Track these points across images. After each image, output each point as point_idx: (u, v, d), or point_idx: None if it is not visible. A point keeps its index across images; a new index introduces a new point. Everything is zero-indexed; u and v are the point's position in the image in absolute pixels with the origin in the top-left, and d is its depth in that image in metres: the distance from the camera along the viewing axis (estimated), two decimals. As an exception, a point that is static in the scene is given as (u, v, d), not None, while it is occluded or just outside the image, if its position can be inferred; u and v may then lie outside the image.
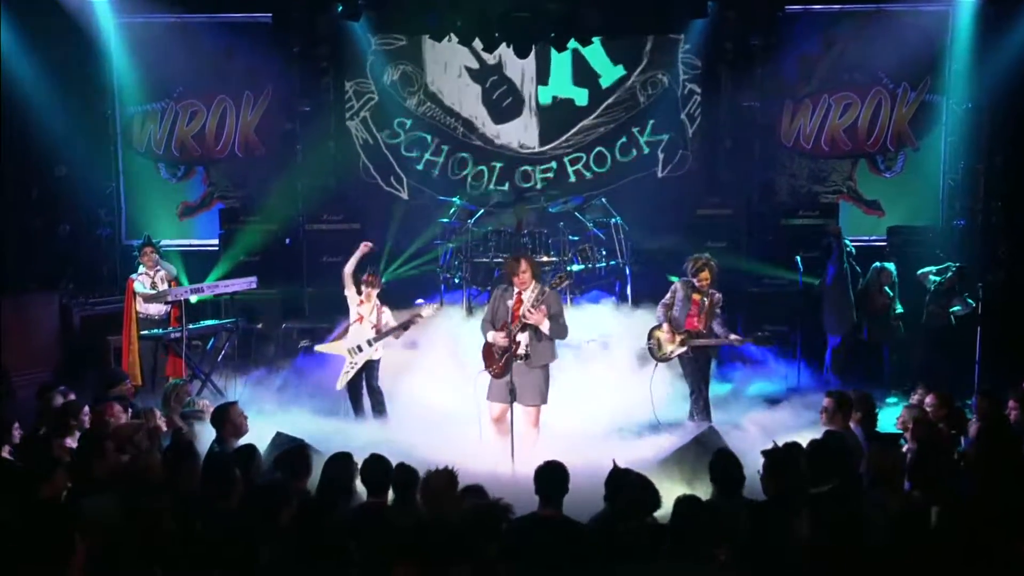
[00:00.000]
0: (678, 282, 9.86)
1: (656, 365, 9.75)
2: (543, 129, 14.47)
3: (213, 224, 14.02)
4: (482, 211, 12.52)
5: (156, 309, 11.07)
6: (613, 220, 12.01)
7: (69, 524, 5.80)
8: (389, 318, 10.07)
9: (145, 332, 10.82)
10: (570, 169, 14.49)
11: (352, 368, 9.90)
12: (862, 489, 6.37)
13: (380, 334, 9.91)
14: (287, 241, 13.44)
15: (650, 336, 9.91)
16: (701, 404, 9.60)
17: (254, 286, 10.94)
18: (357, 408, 9.95)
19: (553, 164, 14.51)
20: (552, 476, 5.98)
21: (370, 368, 9.97)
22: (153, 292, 10.83)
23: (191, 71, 13.96)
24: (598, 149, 14.43)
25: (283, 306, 12.93)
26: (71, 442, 8.31)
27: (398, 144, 14.51)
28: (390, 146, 14.54)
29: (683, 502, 5.38)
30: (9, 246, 12.81)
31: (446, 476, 5.84)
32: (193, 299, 10.84)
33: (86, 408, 8.72)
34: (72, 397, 9.41)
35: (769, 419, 9.46)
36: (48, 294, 12.32)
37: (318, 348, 10.34)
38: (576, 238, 11.99)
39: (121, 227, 14.30)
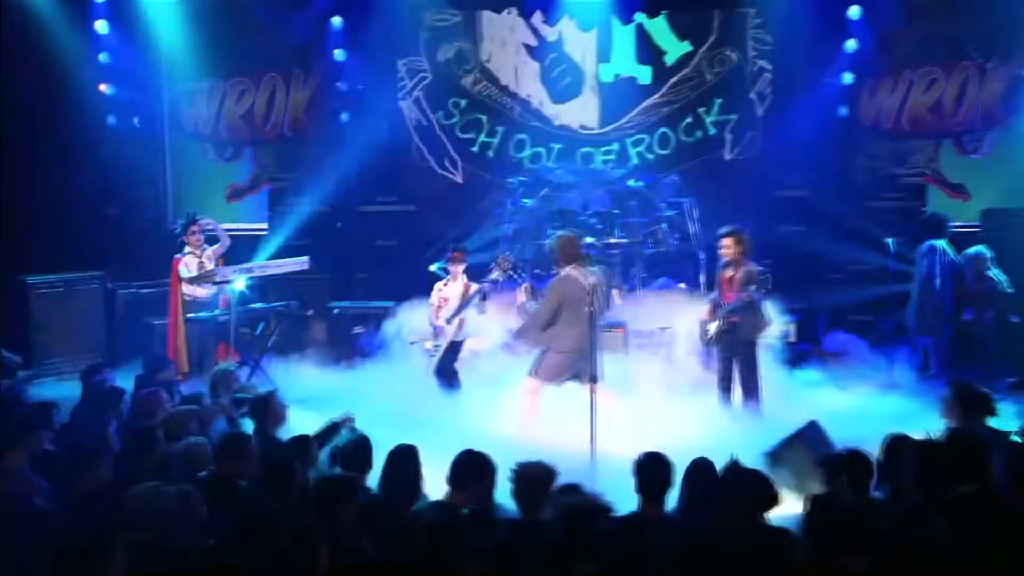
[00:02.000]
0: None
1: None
2: (604, 109, 13.58)
3: (262, 207, 13.41)
4: (546, 190, 11.68)
5: (204, 292, 10.36)
6: (685, 201, 11.14)
7: (110, 517, 5.10)
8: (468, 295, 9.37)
9: (192, 316, 10.11)
10: (632, 151, 13.63)
11: (436, 352, 9.21)
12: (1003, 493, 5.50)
13: (454, 312, 9.17)
14: (338, 224, 12.69)
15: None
16: (752, 394, 8.81)
17: (307, 267, 10.20)
18: (442, 384, 9.37)
19: (615, 145, 13.66)
20: (657, 469, 5.17)
21: (454, 350, 9.26)
22: (198, 274, 10.13)
23: (240, 48, 13.28)
24: (662, 130, 13.54)
25: (334, 290, 12.25)
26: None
27: (452, 125, 13.71)
28: (444, 127, 13.73)
29: (819, 501, 4.55)
30: (54, 229, 12.17)
31: (543, 472, 5.01)
32: (242, 280, 10.10)
33: (126, 396, 8.04)
34: (113, 381, 8.77)
35: (862, 412, 8.60)
36: (92, 277, 11.65)
37: (412, 340, 9.61)
38: (647, 219, 11.13)
39: (168, 210, 13.63)
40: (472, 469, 5.62)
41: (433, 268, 12.68)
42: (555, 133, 13.69)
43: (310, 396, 8.99)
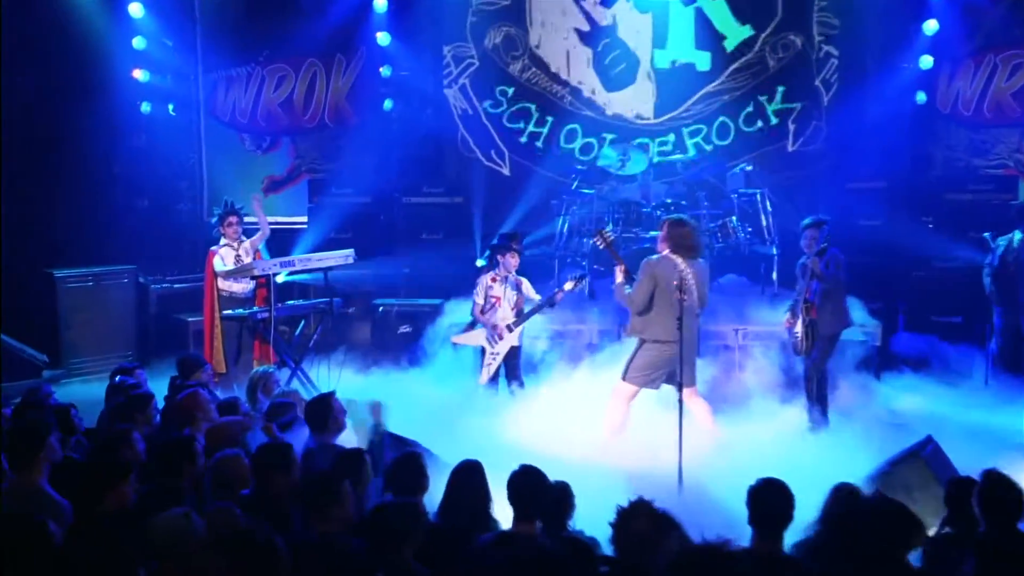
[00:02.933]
0: None
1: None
2: (660, 97, 12.65)
3: (301, 200, 12.63)
4: (612, 181, 10.77)
5: (241, 286, 9.55)
6: (757, 192, 10.21)
7: (133, 546, 4.26)
8: (531, 292, 8.49)
9: (228, 312, 9.29)
10: (689, 142, 12.70)
11: (494, 359, 8.34)
12: None
13: (522, 316, 8.33)
14: (381, 217, 11.87)
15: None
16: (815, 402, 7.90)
17: (351, 260, 9.35)
18: (492, 391, 8.54)
19: (671, 136, 12.73)
20: (776, 499, 4.27)
21: (513, 357, 8.40)
22: (235, 268, 9.31)
23: (279, 32, 12.49)
24: (721, 119, 12.60)
25: (377, 286, 11.42)
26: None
27: (500, 114, 12.84)
28: (491, 116, 12.86)
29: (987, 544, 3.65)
30: (84, 220, 11.43)
31: (652, 518, 4.08)
32: (282, 274, 9.28)
33: (155, 401, 7.24)
34: (145, 384, 7.98)
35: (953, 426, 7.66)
36: (123, 271, 10.89)
37: (455, 340, 8.77)
38: (716, 212, 10.21)
39: (203, 202, 12.91)
40: (542, 495, 4.77)
41: (480, 263, 11.88)
42: (607, 123, 12.80)
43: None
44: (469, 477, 5.15)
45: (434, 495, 5.19)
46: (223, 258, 9.53)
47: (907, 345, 9.46)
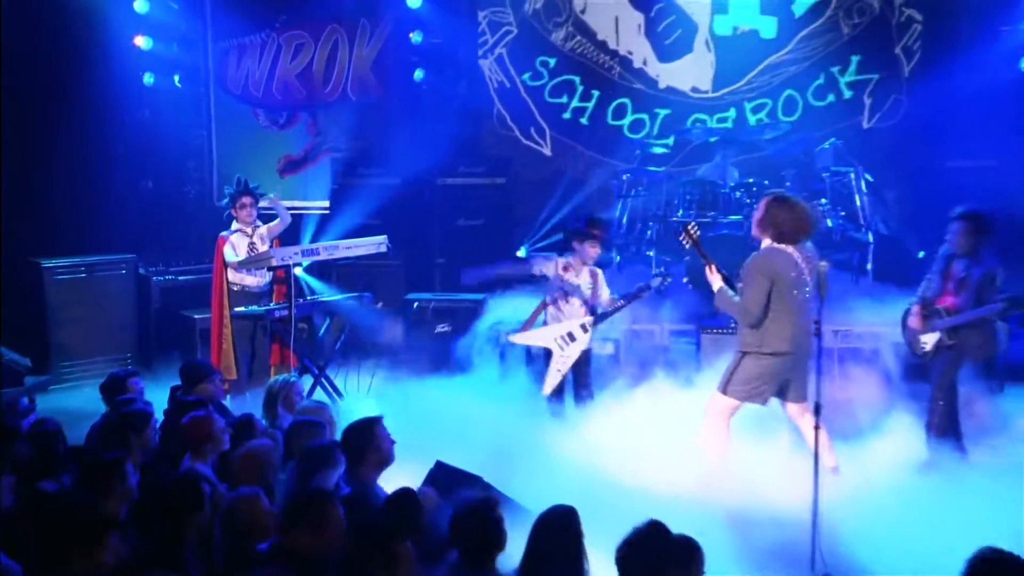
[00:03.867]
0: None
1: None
2: (720, 68, 11.22)
3: (322, 182, 11.27)
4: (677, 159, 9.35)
5: (255, 279, 8.12)
6: (850, 170, 8.74)
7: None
8: (602, 288, 7.10)
9: (241, 309, 7.85)
10: (752, 117, 11.27)
11: (564, 365, 6.92)
12: None
13: (601, 315, 6.92)
14: (413, 200, 10.45)
15: (904, 325, 6.77)
16: (938, 422, 6.45)
17: (385, 248, 7.94)
18: (557, 408, 7.15)
19: (731, 111, 11.33)
20: None
21: (583, 363, 7.00)
22: (248, 257, 7.87)
23: (296, -6, 11.16)
24: (788, 93, 11.15)
25: (408, 279, 10.02)
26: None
27: (540, 87, 11.47)
28: (531, 90, 11.47)
29: None
30: (78, 203, 10.03)
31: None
32: (304, 264, 7.84)
33: (155, 419, 5.85)
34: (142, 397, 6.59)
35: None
36: (121, 261, 9.47)
37: (514, 339, 7.38)
38: (804, 193, 8.70)
39: (212, 183, 11.54)
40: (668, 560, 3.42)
41: (521, 253, 10.54)
42: (660, 97, 11.43)
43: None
44: (563, 529, 3.95)
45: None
46: (235, 246, 8.09)
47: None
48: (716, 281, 6.10)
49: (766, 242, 6.05)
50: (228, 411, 6.78)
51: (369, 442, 4.90)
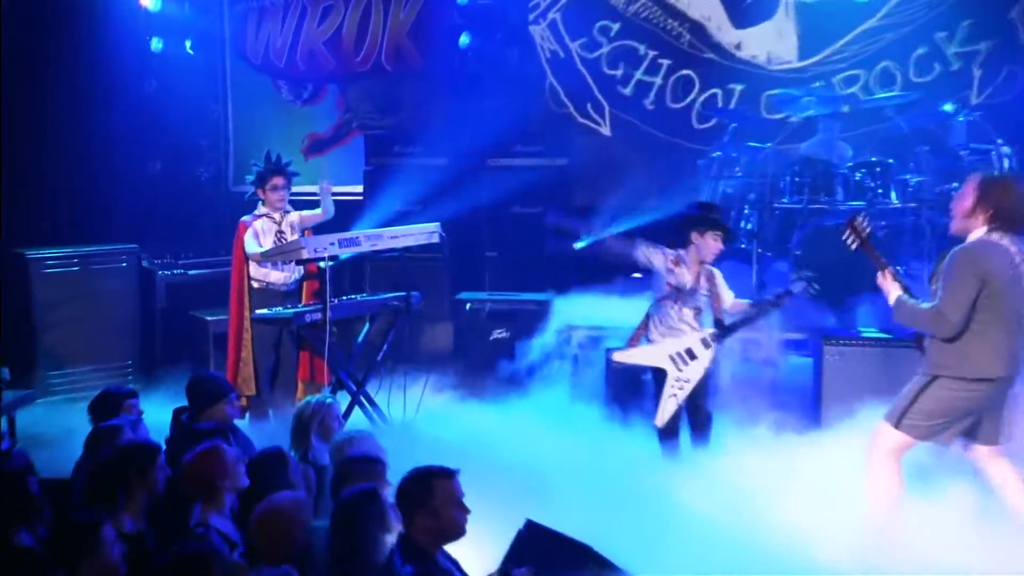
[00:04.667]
0: None
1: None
2: (805, 36, 9.77)
3: (351, 163, 9.87)
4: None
5: (281, 275, 6.67)
6: (992, 147, 7.26)
7: None
8: (723, 291, 5.70)
9: (264, 311, 6.37)
10: (842, 92, 9.77)
11: (681, 388, 5.50)
12: None
13: (728, 326, 5.52)
14: (460, 184, 9.03)
15: None
16: None
17: (438, 239, 6.53)
18: (671, 446, 5.58)
19: (817, 85, 9.84)
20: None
21: (700, 386, 5.57)
22: (275, 248, 6.39)
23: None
24: (883, 64, 9.61)
25: (455, 275, 8.60)
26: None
27: (598, 58, 10.06)
28: (587, 61, 10.08)
29: None
30: (74, 186, 8.75)
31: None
32: (342, 256, 6.36)
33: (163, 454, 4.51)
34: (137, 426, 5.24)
35: None
36: (121, 252, 8.06)
37: (618, 357, 5.90)
38: (939, 174, 7.22)
39: (228, 165, 10.32)
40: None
41: (579, 245, 9.11)
42: (735, 69, 10.00)
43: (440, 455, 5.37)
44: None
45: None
46: (259, 234, 6.64)
47: None
48: (893, 289, 4.71)
49: (976, 233, 4.61)
50: (247, 441, 5.38)
51: (434, 497, 3.54)
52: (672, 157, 9.56)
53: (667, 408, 5.67)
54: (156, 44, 9.73)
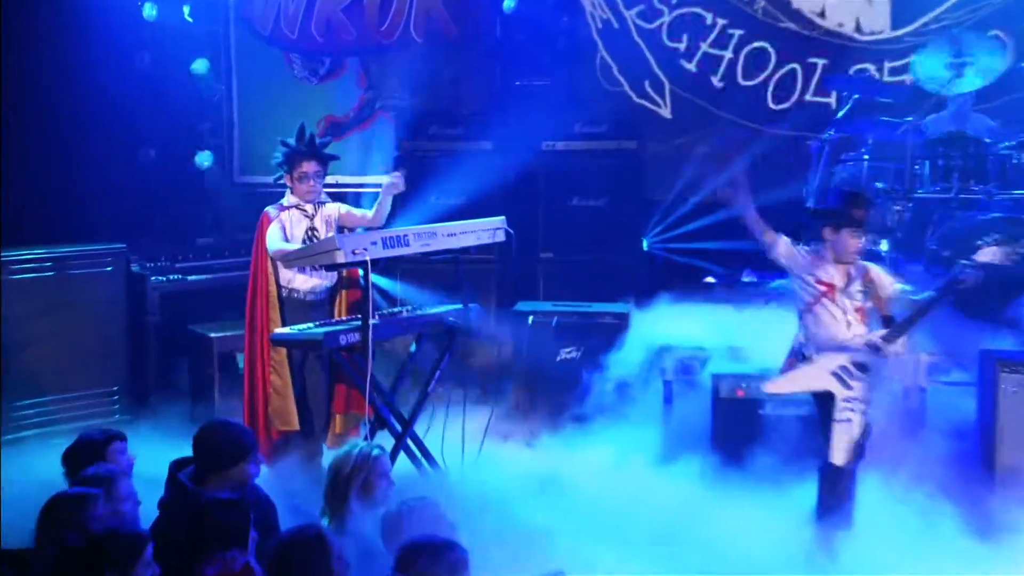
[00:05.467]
0: None
1: None
2: (897, 2, 8.52)
3: (378, 150, 8.64)
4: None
5: (310, 281, 5.28)
6: None
7: None
8: (884, 282, 4.47)
9: (285, 332, 4.95)
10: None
11: (854, 410, 4.42)
12: None
13: (898, 324, 4.32)
14: (509, 171, 7.74)
15: None
16: None
17: (503, 236, 5.20)
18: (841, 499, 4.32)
19: (912, 59, 8.61)
20: None
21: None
22: (304, 248, 4.99)
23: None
24: (992, 34, 8.32)
25: (502, 281, 7.30)
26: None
27: (658, 29, 8.80)
28: (645, 32, 8.82)
29: None
30: (51, 177, 7.48)
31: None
32: (386, 259, 4.97)
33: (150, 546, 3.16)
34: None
35: None
36: (106, 253, 6.71)
37: (772, 388, 4.67)
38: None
39: (232, 152, 9.01)
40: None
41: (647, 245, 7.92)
42: (817, 40, 8.74)
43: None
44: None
45: None
46: (285, 227, 5.27)
47: None
48: None
49: None
50: (268, 504, 4.07)
51: None
52: (756, 141, 8.38)
53: (841, 442, 4.47)
54: (149, 11, 8.57)
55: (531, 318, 6.17)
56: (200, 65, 8.72)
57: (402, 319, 4.95)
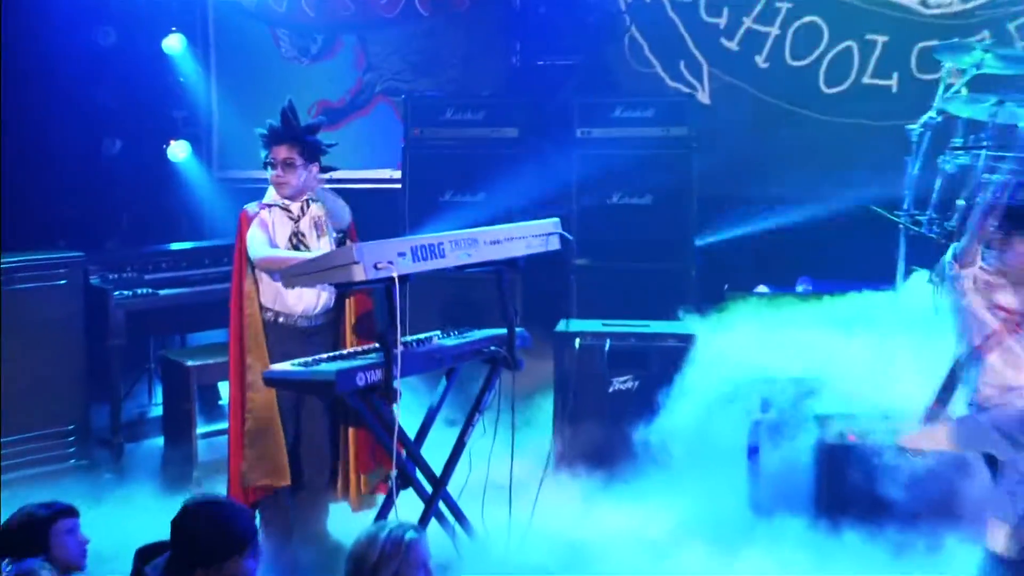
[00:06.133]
0: None
1: None
2: (968, -30, 7.56)
3: (381, 139, 7.63)
4: None
5: (302, 299, 4.15)
6: None
7: None
8: None
9: (281, 370, 3.80)
10: (1020, 42, 7.49)
11: None
12: None
13: None
14: (538, 162, 6.67)
15: None
16: None
17: (557, 244, 4.15)
18: None
19: (985, 34, 7.66)
20: None
21: None
22: (303, 266, 3.89)
23: None
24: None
25: (528, 295, 6.21)
26: None
27: (694, 2, 7.79)
28: (680, 6, 7.84)
29: None
30: (11, 176, 6.33)
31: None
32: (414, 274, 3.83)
33: None
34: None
35: None
36: (59, 263, 5.56)
37: (911, 443, 3.91)
38: None
39: (211, 144, 7.98)
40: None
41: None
42: (876, 14, 7.71)
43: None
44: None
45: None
46: (269, 227, 4.19)
47: None
48: None
49: None
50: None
51: None
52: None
53: (1002, 524, 3.39)
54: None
55: (578, 341, 5.09)
56: (174, 42, 7.61)
57: (431, 350, 3.86)
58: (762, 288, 6.74)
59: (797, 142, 7.50)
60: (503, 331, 4.11)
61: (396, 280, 3.43)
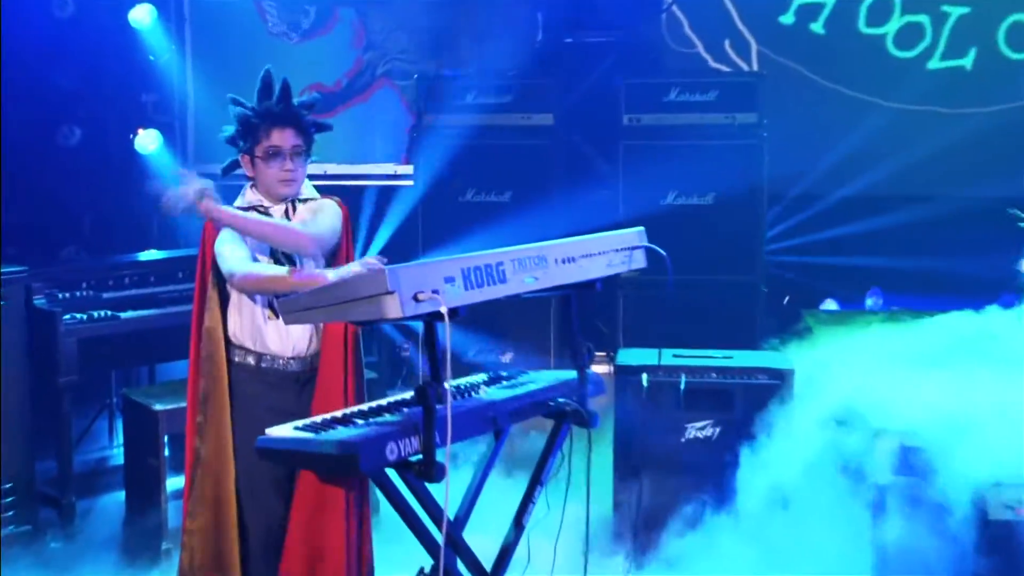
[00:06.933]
0: None
1: None
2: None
3: (387, 129, 6.71)
4: None
5: (289, 333, 3.15)
6: None
7: None
8: None
9: (275, 437, 2.74)
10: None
11: None
12: None
13: None
14: (572, 157, 5.81)
15: None
16: None
17: (642, 262, 3.20)
18: None
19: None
20: None
21: None
22: (279, 273, 2.93)
23: None
24: None
25: (561, 316, 5.34)
26: None
27: None
28: None
29: None
30: None
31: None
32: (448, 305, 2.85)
33: None
34: None
35: None
36: (1, 282, 4.55)
37: None
38: None
39: (186, 133, 6.99)
40: None
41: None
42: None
43: None
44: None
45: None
46: (244, 237, 3.20)
47: None
48: None
49: None
50: None
51: None
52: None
53: None
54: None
55: (645, 376, 4.11)
56: (142, 14, 6.59)
57: (480, 406, 2.85)
58: (830, 303, 5.89)
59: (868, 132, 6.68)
60: (569, 374, 3.14)
61: (446, 316, 2.43)
